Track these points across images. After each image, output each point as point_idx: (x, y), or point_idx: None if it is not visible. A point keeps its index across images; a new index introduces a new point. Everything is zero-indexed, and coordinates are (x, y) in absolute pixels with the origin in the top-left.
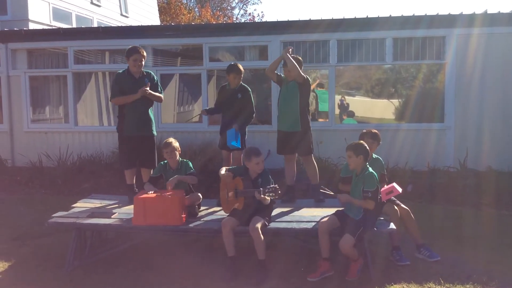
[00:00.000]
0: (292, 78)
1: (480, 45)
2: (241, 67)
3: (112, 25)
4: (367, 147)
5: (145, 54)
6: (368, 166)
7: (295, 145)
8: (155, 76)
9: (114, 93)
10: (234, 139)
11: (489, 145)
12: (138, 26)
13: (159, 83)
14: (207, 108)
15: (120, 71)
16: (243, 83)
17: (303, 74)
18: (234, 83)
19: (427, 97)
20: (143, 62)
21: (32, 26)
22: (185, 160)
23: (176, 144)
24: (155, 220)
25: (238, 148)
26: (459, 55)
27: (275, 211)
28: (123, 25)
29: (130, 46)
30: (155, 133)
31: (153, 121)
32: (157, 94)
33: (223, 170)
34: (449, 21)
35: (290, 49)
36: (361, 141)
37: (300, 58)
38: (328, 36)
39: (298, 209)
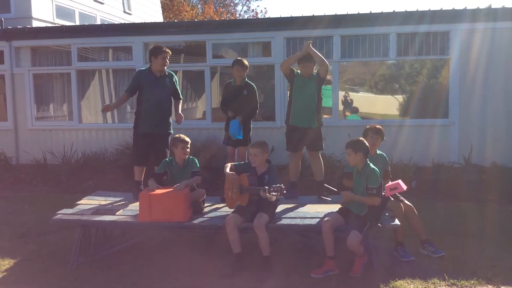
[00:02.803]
0: (309, 74)
1: (484, 40)
2: (245, 62)
3: (115, 22)
4: (367, 144)
5: (170, 52)
6: (369, 162)
7: (307, 141)
8: (176, 79)
9: (128, 89)
10: (236, 130)
11: (493, 140)
12: (141, 23)
13: (177, 85)
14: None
15: (142, 68)
16: (248, 80)
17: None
18: (239, 77)
19: (431, 93)
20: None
21: (35, 24)
22: (191, 156)
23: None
24: (160, 217)
25: (240, 139)
26: (463, 51)
27: (279, 208)
28: (126, 22)
29: (154, 45)
30: (171, 131)
31: (171, 120)
32: (180, 114)
33: (228, 167)
34: (453, 16)
35: (311, 43)
36: (361, 138)
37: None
38: (332, 32)
39: (301, 205)
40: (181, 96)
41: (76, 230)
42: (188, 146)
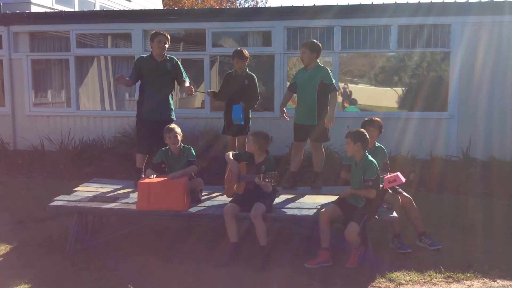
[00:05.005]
0: (308, 64)
1: (486, 34)
2: (245, 52)
3: (115, 9)
4: (367, 135)
5: (169, 37)
6: (367, 154)
7: (310, 134)
8: (178, 62)
9: (130, 75)
10: (240, 115)
11: (492, 134)
12: (141, 10)
13: (182, 68)
14: (212, 90)
15: (144, 55)
16: (249, 71)
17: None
18: (239, 68)
19: (431, 86)
20: (167, 45)
21: (34, 9)
22: (187, 146)
23: (178, 129)
24: (159, 205)
25: (239, 129)
26: (464, 44)
27: (277, 198)
28: (126, 9)
29: (154, 31)
30: (174, 118)
31: (173, 107)
32: (189, 86)
33: (230, 155)
34: (455, 9)
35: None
36: (361, 129)
37: (319, 44)
38: (333, 23)
39: (300, 196)
40: (184, 78)
41: (73, 216)
42: (172, 134)
